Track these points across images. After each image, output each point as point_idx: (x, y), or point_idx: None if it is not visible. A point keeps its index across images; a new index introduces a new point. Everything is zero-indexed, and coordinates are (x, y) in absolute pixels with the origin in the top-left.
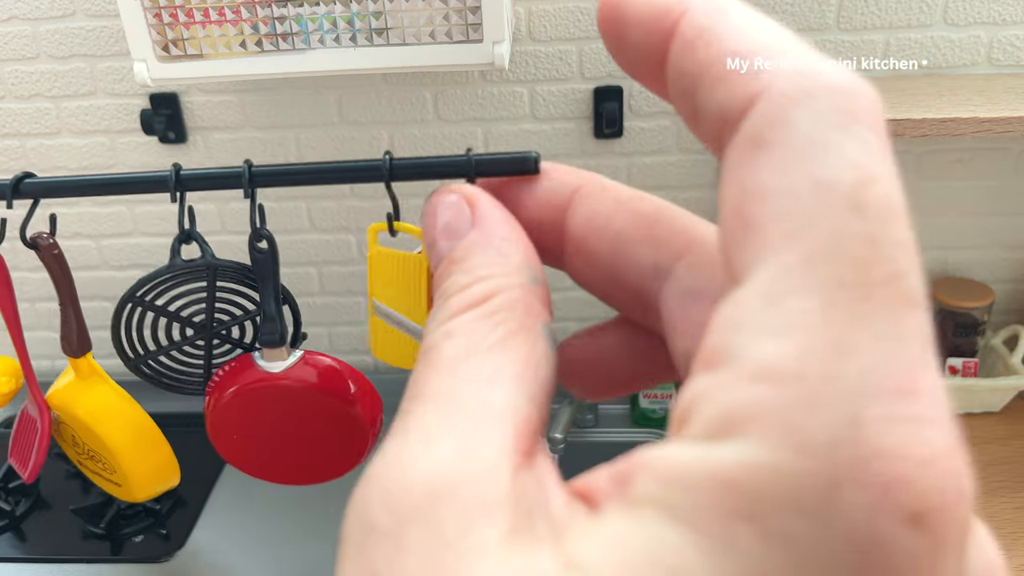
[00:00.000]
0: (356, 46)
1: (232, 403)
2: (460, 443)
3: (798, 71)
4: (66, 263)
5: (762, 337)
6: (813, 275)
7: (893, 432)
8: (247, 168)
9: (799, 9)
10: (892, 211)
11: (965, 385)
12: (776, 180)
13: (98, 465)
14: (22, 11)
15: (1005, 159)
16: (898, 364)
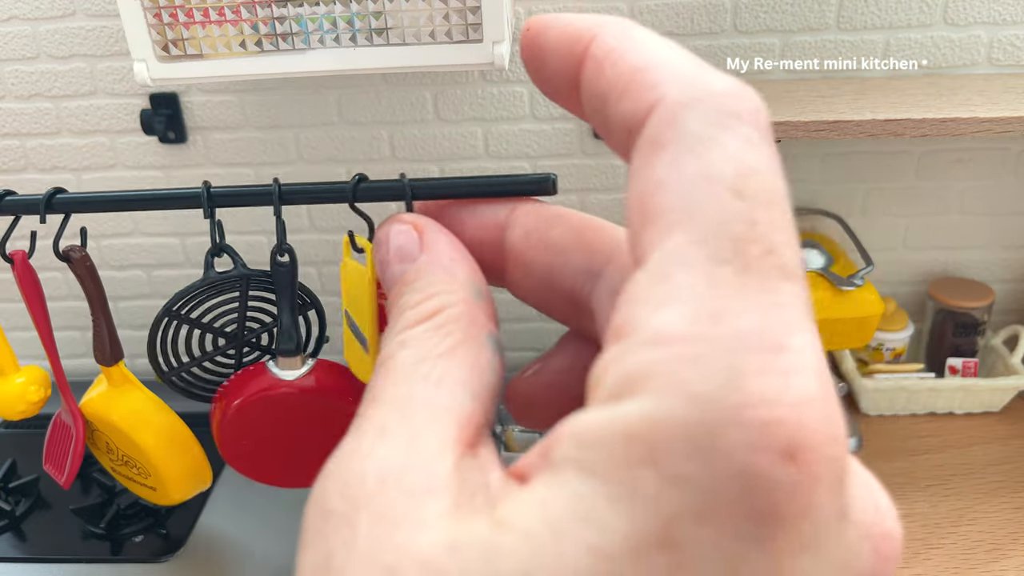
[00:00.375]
0: (356, 46)
1: (244, 409)
2: (409, 437)
3: (689, 80)
4: (97, 275)
5: (655, 308)
6: (699, 252)
7: (767, 381)
8: (277, 186)
9: (799, 9)
10: (771, 198)
11: (965, 385)
12: (668, 174)
13: (132, 471)
14: (22, 11)
15: (1005, 159)
16: (771, 325)
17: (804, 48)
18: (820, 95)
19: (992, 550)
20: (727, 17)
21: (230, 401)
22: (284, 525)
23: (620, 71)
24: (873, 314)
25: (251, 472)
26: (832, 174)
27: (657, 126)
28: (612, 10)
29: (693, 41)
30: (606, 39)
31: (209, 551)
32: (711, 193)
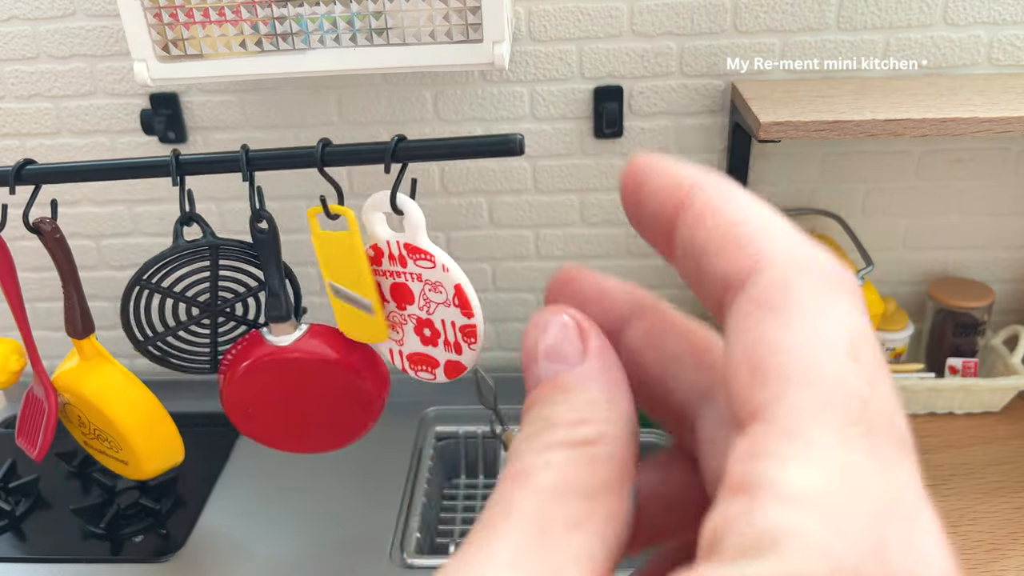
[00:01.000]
0: (356, 46)
1: (245, 378)
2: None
3: (792, 247)
4: (68, 247)
5: (787, 465)
6: (826, 412)
7: (910, 554)
8: (244, 152)
9: (799, 9)
10: (880, 363)
11: (965, 385)
12: (785, 336)
13: (104, 444)
14: (22, 11)
15: (1005, 159)
16: (904, 495)
17: (804, 48)
18: (820, 95)
19: (992, 550)
20: (727, 17)
21: (235, 368)
22: (284, 525)
23: (719, 224)
24: (873, 314)
25: (259, 436)
26: (832, 174)
27: (767, 287)
28: (612, 10)
29: (693, 41)
30: (706, 192)
31: (209, 551)
32: (831, 357)
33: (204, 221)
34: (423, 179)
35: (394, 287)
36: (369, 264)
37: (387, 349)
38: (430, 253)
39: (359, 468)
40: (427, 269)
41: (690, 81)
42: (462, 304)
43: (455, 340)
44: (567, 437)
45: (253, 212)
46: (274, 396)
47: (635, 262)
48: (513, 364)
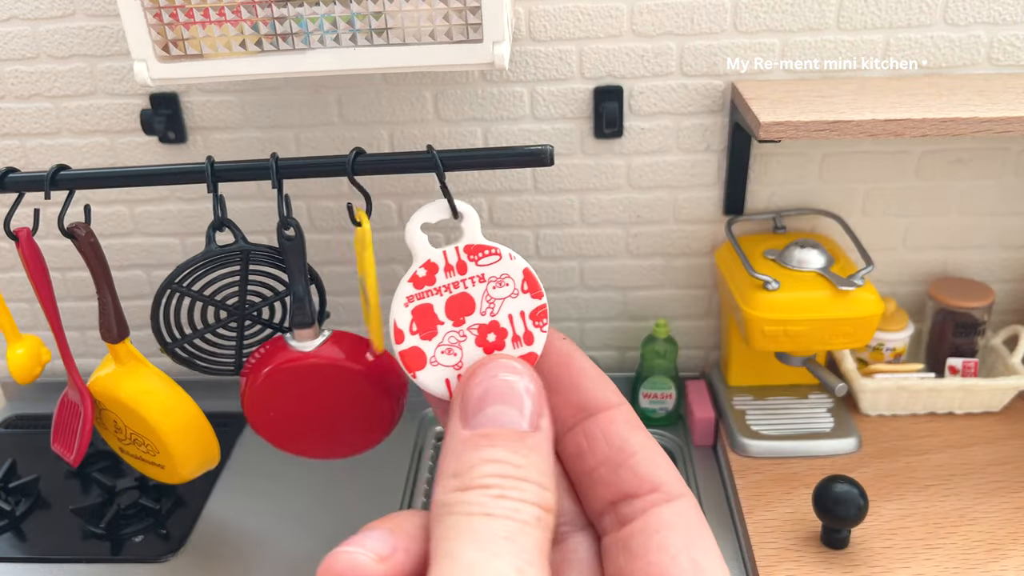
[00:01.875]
0: (356, 46)
1: (267, 382)
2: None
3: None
4: (102, 251)
5: None
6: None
7: None
8: (274, 161)
9: (799, 9)
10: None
11: (965, 385)
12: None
13: (140, 449)
14: (22, 11)
15: (1005, 159)
16: None
17: (804, 48)
18: (820, 95)
19: (992, 550)
20: (727, 17)
21: (257, 373)
22: (284, 525)
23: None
24: (873, 314)
25: (279, 442)
26: (832, 174)
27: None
28: (612, 10)
29: (693, 41)
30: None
31: (209, 551)
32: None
33: (236, 227)
34: (423, 179)
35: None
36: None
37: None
38: (493, 247)
39: (359, 468)
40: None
41: (690, 81)
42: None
43: (524, 330)
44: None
45: (281, 219)
46: (294, 401)
47: (635, 262)
48: None
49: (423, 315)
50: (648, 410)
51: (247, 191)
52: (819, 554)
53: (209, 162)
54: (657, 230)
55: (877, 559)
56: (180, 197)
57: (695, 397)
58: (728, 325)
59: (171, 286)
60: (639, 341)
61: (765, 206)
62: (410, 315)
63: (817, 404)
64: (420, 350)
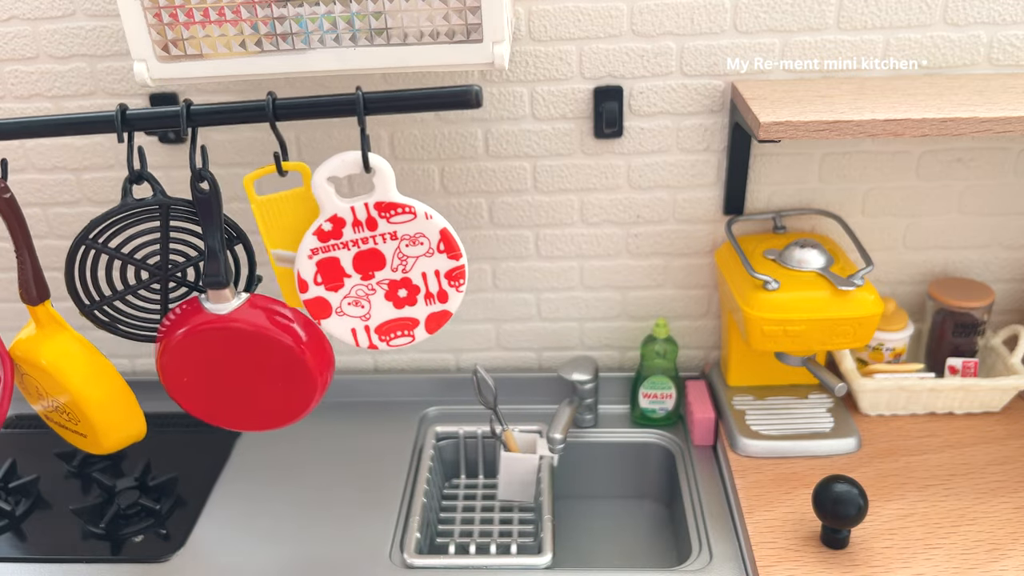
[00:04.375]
0: (356, 46)
1: (179, 346)
2: None
3: None
4: (19, 207)
5: None
6: None
7: None
8: (185, 106)
9: (799, 9)
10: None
11: (965, 385)
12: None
13: (63, 416)
14: (22, 11)
15: (1005, 159)
16: None
17: (804, 48)
18: (820, 95)
19: (992, 550)
20: (727, 17)
21: (168, 338)
22: (284, 525)
23: None
24: (873, 314)
25: (198, 410)
26: (832, 174)
27: None
28: (612, 10)
29: (693, 41)
30: None
31: (209, 551)
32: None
33: (155, 179)
34: (422, 179)
35: (358, 257)
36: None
37: (349, 330)
38: (408, 205)
39: (359, 468)
40: (405, 223)
41: (690, 81)
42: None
43: (439, 289)
44: None
45: (193, 172)
46: (211, 367)
47: (635, 262)
48: (513, 364)
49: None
50: (648, 410)
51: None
52: (819, 554)
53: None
54: (657, 230)
55: (877, 559)
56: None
57: (695, 397)
58: (728, 325)
59: (85, 242)
60: (639, 341)
61: (765, 206)
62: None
63: (817, 404)
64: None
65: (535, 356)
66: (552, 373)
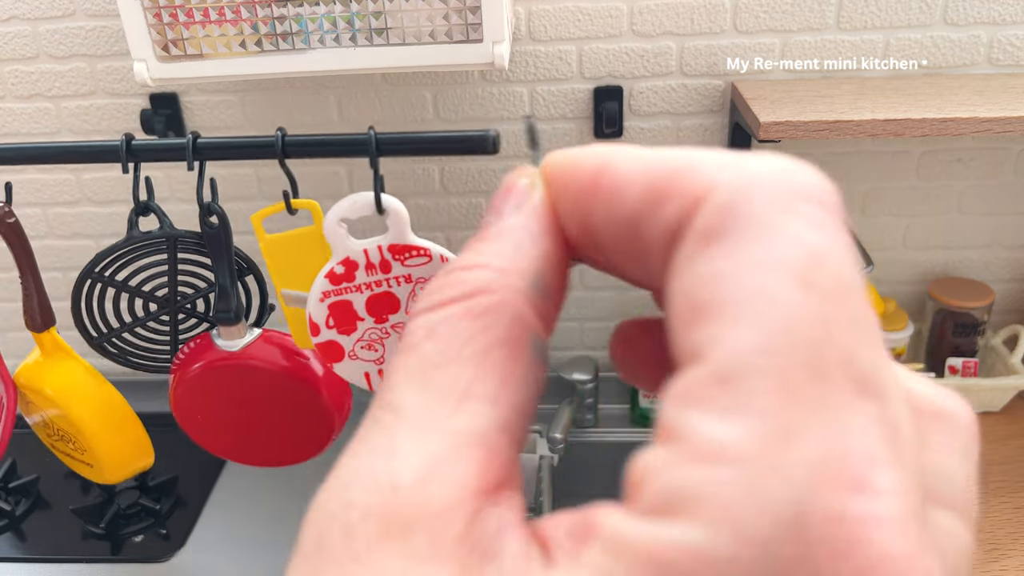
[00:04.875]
0: (356, 46)
1: (192, 383)
2: (423, 475)
3: (739, 165)
4: (23, 233)
5: (714, 416)
6: (766, 356)
7: (838, 532)
8: (192, 139)
9: (799, 9)
10: (844, 287)
11: (965, 385)
12: (726, 265)
13: (69, 446)
14: (22, 11)
15: (1005, 159)
16: (851, 457)
17: (804, 48)
18: (820, 95)
19: (992, 550)
20: (727, 17)
21: (181, 375)
22: (284, 526)
23: (652, 183)
24: None
25: (211, 446)
26: (832, 174)
27: (710, 216)
28: (612, 10)
29: (693, 41)
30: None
31: (209, 551)
32: (778, 285)
33: (162, 211)
34: (422, 179)
35: (372, 300)
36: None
37: (362, 374)
38: (424, 248)
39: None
40: (420, 266)
41: (690, 81)
42: None
43: None
44: (451, 291)
45: (202, 206)
46: (225, 404)
47: None
48: None
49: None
50: (648, 410)
51: (249, 192)
52: None
53: (126, 138)
54: None
55: None
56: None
57: None
58: None
59: (91, 275)
60: None
61: None
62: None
63: None
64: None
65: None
66: (552, 373)
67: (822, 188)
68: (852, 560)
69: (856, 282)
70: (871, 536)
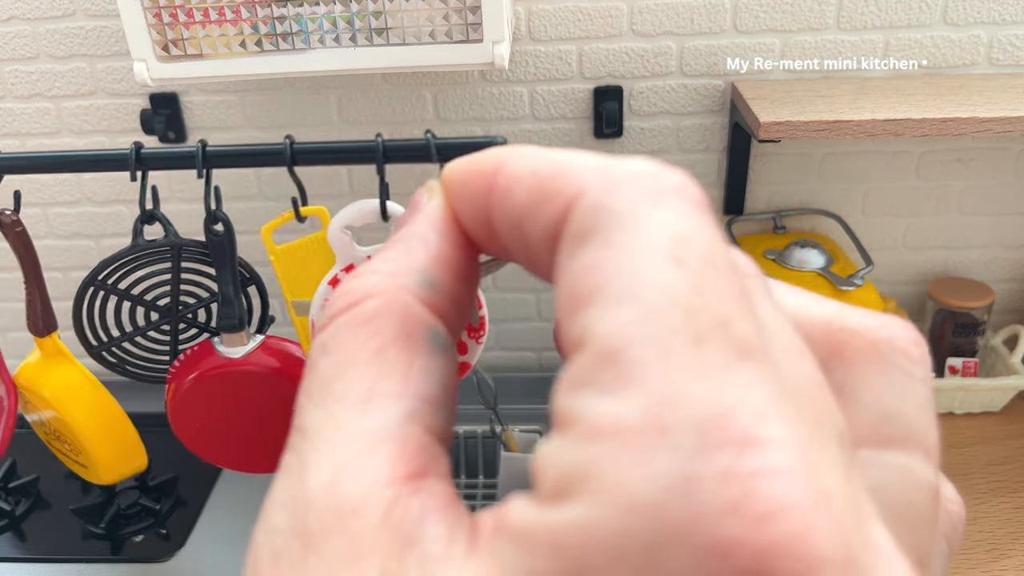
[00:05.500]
0: (356, 46)
1: (192, 390)
2: (332, 480)
3: (606, 169)
4: (30, 240)
5: (600, 395)
6: (644, 326)
7: (727, 487)
8: (201, 147)
9: (799, 9)
10: (714, 262)
11: (965, 385)
12: (599, 255)
13: (65, 446)
14: (22, 11)
15: (1005, 159)
16: (735, 415)
17: (804, 48)
18: (820, 95)
19: (992, 550)
20: (727, 17)
21: (179, 382)
22: None
23: (534, 185)
24: None
25: (208, 454)
26: (832, 174)
27: (581, 217)
28: (612, 10)
29: (693, 41)
30: (512, 165)
31: (209, 551)
32: (649, 264)
33: (167, 220)
34: (422, 179)
35: None
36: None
37: None
38: None
39: None
40: None
41: (690, 81)
42: None
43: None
44: (340, 302)
45: (208, 213)
46: (225, 412)
47: None
48: (513, 364)
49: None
50: None
51: (249, 192)
52: None
53: (135, 147)
54: None
55: None
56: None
57: None
58: None
59: (94, 283)
60: None
61: (765, 206)
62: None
63: None
64: None
65: (535, 356)
66: (552, 373)
67: (686, 185)
68: (744, 514)
69: (726, 260)
70: (762, 488)
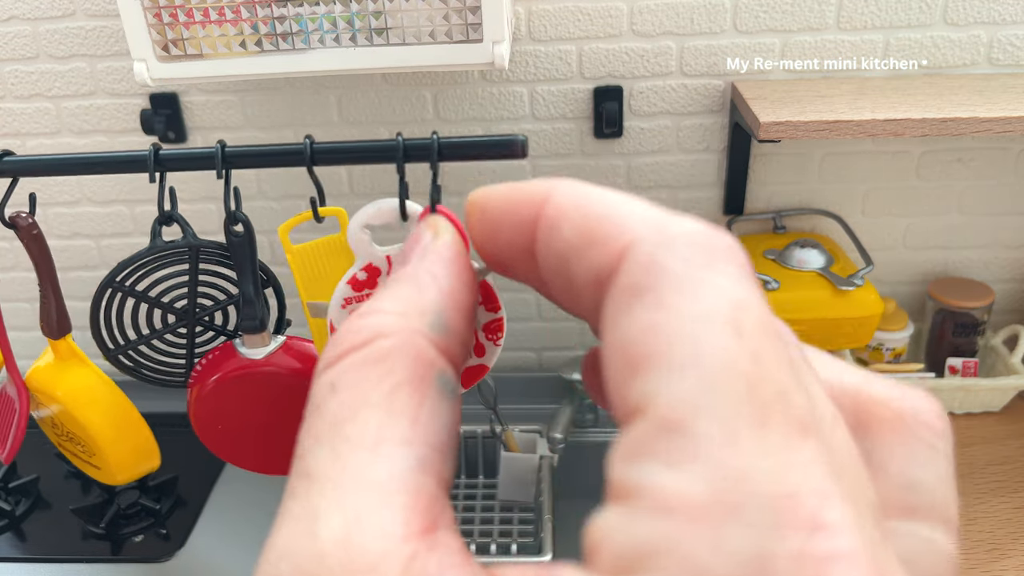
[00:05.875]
0: (356, 46)
1: (214, 392)
2: (346, 533)
3: (659, 223)
4: (45, 243)
5: (663, 468)
6: (707, 397)
7: (802, 569)
8: (220, 148)
9: (799, 9)
10: (769, 331)
11: (965, 385)
12: (657, 317)
13: (77, 447)
14: (22, 11)
15: (1005, 159)
16: (802, 496)
17: (804, 48)
18: (820, 95)
19: (992, 550)
20: (727, 17)
21: (201, 384)
22: None
23: (582, 224)
24: (873, 314)
25: (231, 456)
26: (832, 174)
27: (635, 270)
28: (612, 10)
29: (693, 41)
30: (560, 199)
31: (209, 551)
32: (709, 332)
33: (185, 221)
34: (422, 178)
35: None
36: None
37: None
38: None
39: None
40: None
41: (690, 81)
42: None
43: (475, 342)
44: (350, 340)
45: (228, 214)
46: (247, 413)
47: None
48: (513, 364)
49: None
50: None
51: (248, 192)
52: None
53: (154, 148)
54: None
55: None
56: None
57: None
58: None
59: (112, 285)
60: None
61: (765, 206)
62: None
63: None
64: None
65: (535, 356)
66: (552, 373)
67: (735, 249)
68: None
69: (777, 328)
70: (835, 572)
